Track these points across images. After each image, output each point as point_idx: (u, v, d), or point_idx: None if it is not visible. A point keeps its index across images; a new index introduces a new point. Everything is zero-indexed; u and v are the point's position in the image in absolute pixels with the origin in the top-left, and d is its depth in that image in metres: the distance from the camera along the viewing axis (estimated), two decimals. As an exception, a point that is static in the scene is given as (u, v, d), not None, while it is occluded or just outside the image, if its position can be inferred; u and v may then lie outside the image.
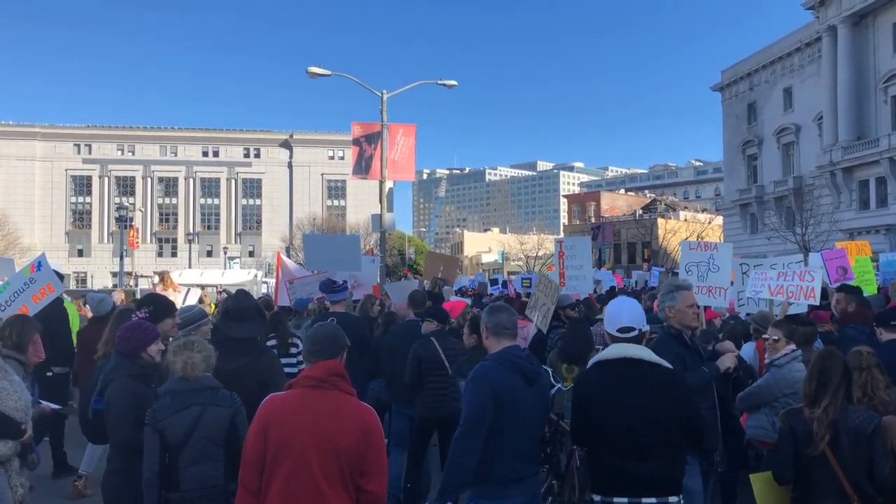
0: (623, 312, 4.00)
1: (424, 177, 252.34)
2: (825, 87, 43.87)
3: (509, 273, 53.86)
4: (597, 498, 3.82)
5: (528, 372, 3.86)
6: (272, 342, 6.82)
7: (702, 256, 8.32)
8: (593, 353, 4.98)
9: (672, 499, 3.71)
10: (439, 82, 24.11)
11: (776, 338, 5.72)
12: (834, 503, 3.88)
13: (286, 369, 5.79)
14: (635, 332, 3.93)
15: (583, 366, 5.24)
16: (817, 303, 7.60)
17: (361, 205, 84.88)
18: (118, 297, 12.11)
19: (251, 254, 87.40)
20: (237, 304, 5.18)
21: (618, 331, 3.95)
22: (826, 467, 3.88)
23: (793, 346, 5.65)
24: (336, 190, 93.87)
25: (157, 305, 5.38)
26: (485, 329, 4.08)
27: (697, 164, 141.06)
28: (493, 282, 25.86)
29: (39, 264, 7.94)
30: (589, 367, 4.04)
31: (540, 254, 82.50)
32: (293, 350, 6.92)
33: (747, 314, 8.79)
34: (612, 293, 15.78)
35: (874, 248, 28.42)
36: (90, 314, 8.76)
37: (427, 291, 10.00)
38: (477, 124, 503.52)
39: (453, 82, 24.07)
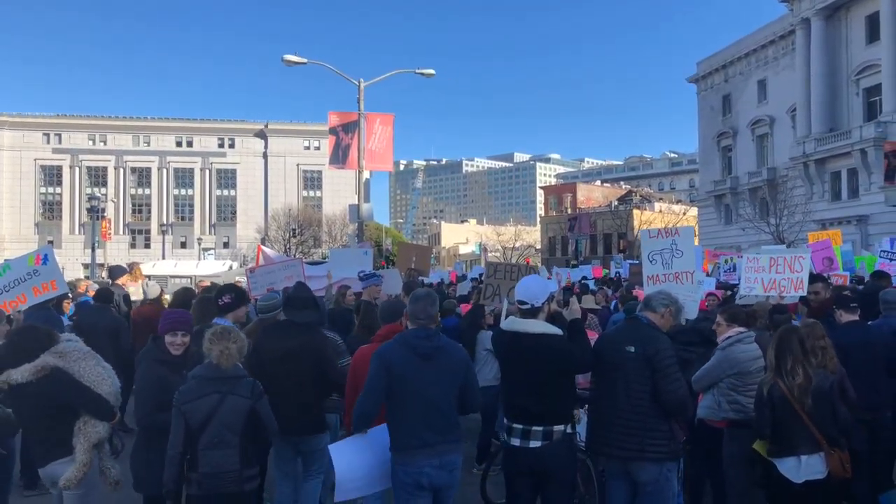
0: (523, 289, 4.81)
1: (402, 168, 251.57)
2: (799, 79, 44.30)
3: (486, 262, 53.71)
4: (504, 433, 4.79)
5: (421, 349, 4.41)
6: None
7: (664, 243, 8.27)
8: None
9: (557, 427, 4.60)
10: (417, 71, 23.90)
11: (720, 322, 6.00)
12: (806, 449, 4.80)
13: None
14: (528, 306, 4.71)
15: None
16: (805, 293, 7.66)
17: (338, 195, 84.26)
18: (81, 288, 11.70)
19: (226, 245, 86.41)
20: (297, 294, 5.85)
21: (517, 301, 4.79)
22: (799, 421, 4.81)
23: (737, 329, 5.84)
24: (312, 180, 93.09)
25: (237, 293, 6.20)
26: (405, 315, 4.82)
27: (672, 155, 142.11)
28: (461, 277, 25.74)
29: (45, 257, 7.74)
30: (497, 331, 5.09)
31: (517, 245, 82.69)
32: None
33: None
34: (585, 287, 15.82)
35: (846, 239, 28.83)
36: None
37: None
38: (454, 115, 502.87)
39: (431, 71, 23.87)
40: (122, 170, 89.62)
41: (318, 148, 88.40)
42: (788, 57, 47.24)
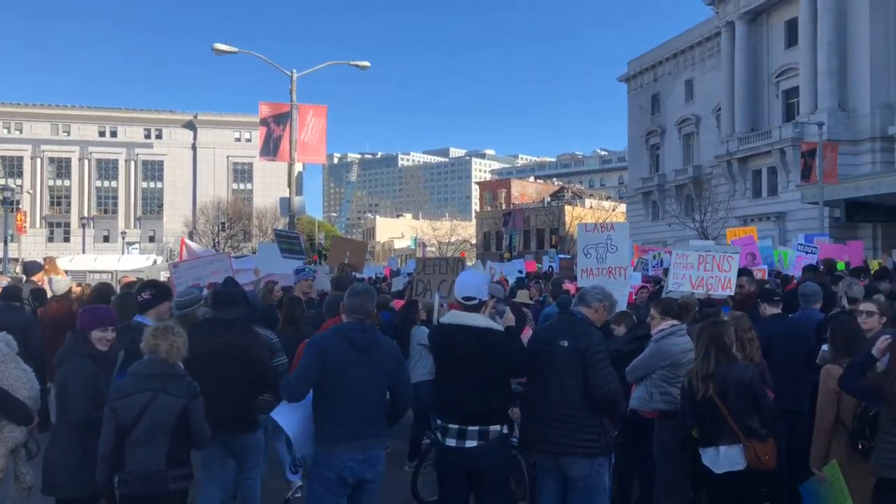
0: (467, 284, 4.80)
1: (336, 161, 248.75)
2: (723, 80, 45.75)
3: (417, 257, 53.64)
4: (438, 435, 4.70)
5: (358, 342, 4.39)
6: None
7: (599, 238, 8.35)
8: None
9: (493, 427, 4.56)
10: (352, 63, 23.57)
11: (654, 315, 6.15)
12: (726, 440, 4.83)
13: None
14: (475, 301, 4.71)
15: None
16: (732, 293, 7.83)
17: (269, 188, 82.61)
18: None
19: (152, 239, 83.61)
20: (225, 290, 5.70)
21: (462, 299, 4.72)
22: (718, 413, 4.83)
23: (671, 322, 5.95)
24: (242, 173, 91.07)
25: (159, 289, 5.98)
26: (342, 307, 4.81)
27: (603, 153, 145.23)
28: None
29: None
30: (437, 325, 4.99)
31: (452, 240, 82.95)
32: None
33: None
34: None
35: (765, 234, 29.97)
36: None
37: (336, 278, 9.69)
38: (390, 109, 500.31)
39: (366, 63, 23.58)
40: (39, 160, 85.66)
41: (249, 140, 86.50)
42: (714, 58, 48.75)
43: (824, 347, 5.44)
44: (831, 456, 4.83)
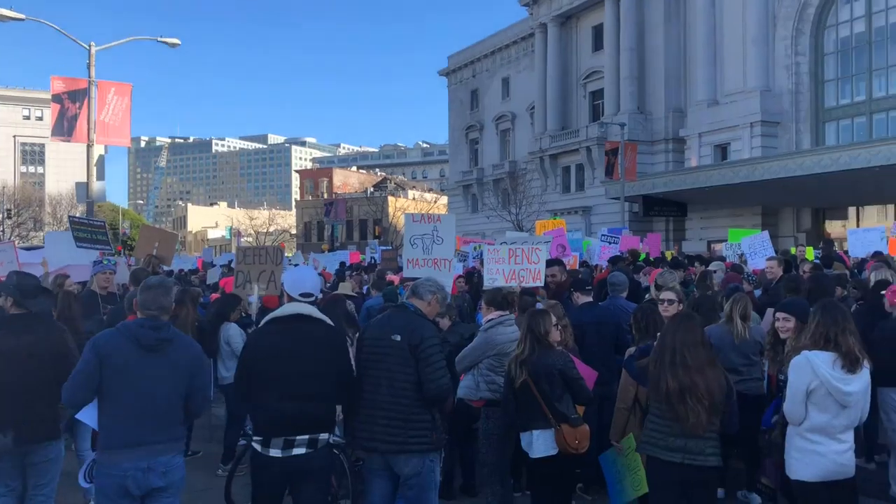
0: (307, 280, 4.64)
1: (143, 144, 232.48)
2: (537, 79, 48.14)
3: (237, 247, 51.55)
4: (257, 445, 4.29)
5: (145, 340, 4.07)
6: None
7: (426, 228, 8.42)
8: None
9: (322, 435, 4.32)
10: (160, 39, 21.86)
11: (483, 305, 6.33)
12: (540, 424, 5.02)
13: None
14: (313, 298, 4.61)
15: None
16: (542, 283, 8.13)
17: (64, 172, 74.88)
18: None
19: (-79, 227, 73.17)
20: (27, 281, 5.14)
21: (300, 295, 4.52)
22: (533, 398, 5.00)
23: (499, 312, 6.04)
24: (33, 154, 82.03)
25: None
26: (134, 303, 4.45)
27: (425, 145, 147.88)
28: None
29: None
30: (262, 325, 4.53)
31: (271, 230, 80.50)
32: None
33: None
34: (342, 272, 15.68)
35: (573, 227, 31.97)
36: None
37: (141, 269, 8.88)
38: (203, 91, 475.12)
39: (176, 41, 21.98)
40: None
41: (40, 118, 77.99)
42: (529, 58, 51.13)
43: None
44: (629, 430, 5.21)
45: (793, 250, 16.04)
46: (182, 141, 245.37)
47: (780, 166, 28.48)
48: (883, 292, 6.26)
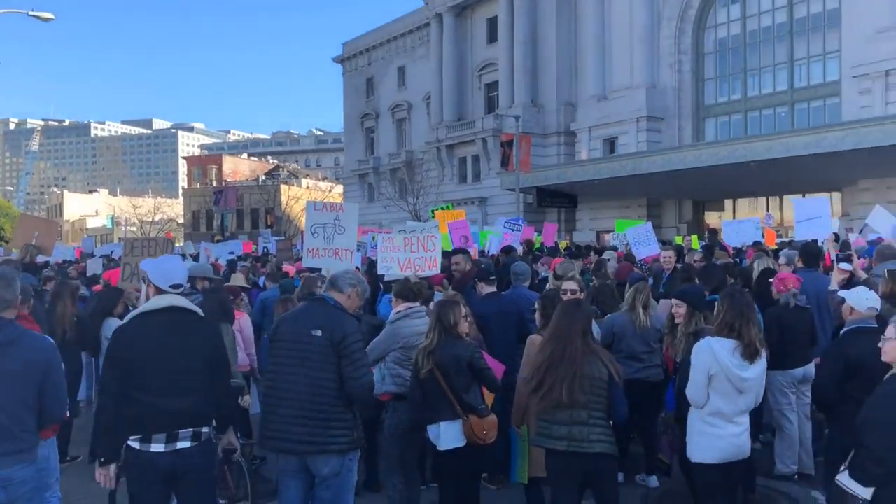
0: (177, 270, 4.35)
1: (12, 126, 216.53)
2: (433, 69, 48.17)
3: (119, 239, 48.94)
4: (134, 443, 3.96)
5: None
6: None
7: (328, 217, 8.29)
8: None
9: (205, 429, 4.11)
10: (31, 13, 20.27)
11: (393, 298, 6.20)
12: (448, 415, 4.98)
13: None
14: (182, 288, 4.39)
15: None
16: (438, 271, 8.11)
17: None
18: None
19: None
20: None
21: (171, 286, 4.24)
22: (439, 389, 4.96)
23: (407, 305, 5.95)
24: None
25: None
26: None
27: (319, 133, 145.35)
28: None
29: None
30: (129, 319, 4.21)
31: (157, 218, 76.96)
32: None
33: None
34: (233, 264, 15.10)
35: (469, 217, 32.28)
36: None
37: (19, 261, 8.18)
38: (81, 71, 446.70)
39: (49, 15, 20.45)
40: None
41: None
42: (424, 47, 51.07)
43: None
44: (530, 415, 5.16)
45: (679, 239, 16.83)
46: (57, 124, 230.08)
47: (663, 160, 29.84)
48: (771, 280, 6.58)
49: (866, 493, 3.53)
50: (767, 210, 30.16)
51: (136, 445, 4.00)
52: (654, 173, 29.66)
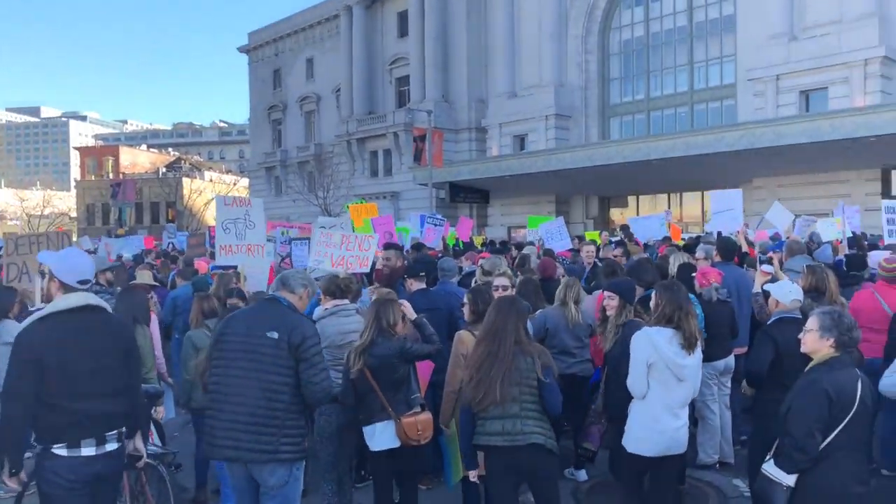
0: (85, 265, 4.08)
1: None
2: (343, 62, 47.46)
3: (4, 234, 45.81)
4: (60, 450, 3.72)
5: None
6: None
7: (238, 212, 8.18)
8: None
9: (124, 429, 3.96)
10: None
11: (322, 295, 6.03)
12: (379, 415, 4.81)
13: None
14: (90, 283, 4.17)
15: None
16: (368, 270, 8.01)
17: None
18: None
19: None
20: None
21: (78, 282, 3.99)
22: (371, 389, 4.79)
23: (334, 302, 5.82)
24: None
25: None
26: None
27: (222, 125, 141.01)
28: None
29: None
30: (38, 320, 3.87)
31: (47, 212, 72.63)
32: None
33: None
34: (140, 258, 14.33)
35: (382, 212, 32.07)
36: None
37: None
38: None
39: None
40: None
41: None
42: (334, 39, 50.22)
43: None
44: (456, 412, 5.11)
45: (593, 235, 17.21)
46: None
47: (571, 157, 30.57)
48: (693, 274, 6.75)
49: (790, 479, 3.66)
50: (668, 207, 31.41)
51: (62, 452, 3.77)
52: (564, 170, 30.33)
